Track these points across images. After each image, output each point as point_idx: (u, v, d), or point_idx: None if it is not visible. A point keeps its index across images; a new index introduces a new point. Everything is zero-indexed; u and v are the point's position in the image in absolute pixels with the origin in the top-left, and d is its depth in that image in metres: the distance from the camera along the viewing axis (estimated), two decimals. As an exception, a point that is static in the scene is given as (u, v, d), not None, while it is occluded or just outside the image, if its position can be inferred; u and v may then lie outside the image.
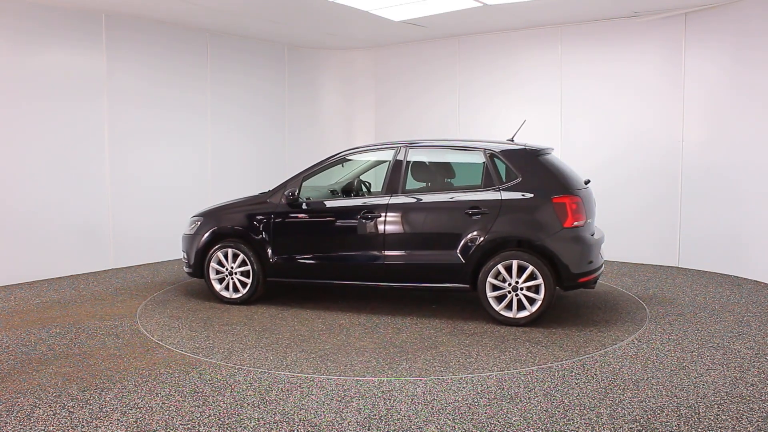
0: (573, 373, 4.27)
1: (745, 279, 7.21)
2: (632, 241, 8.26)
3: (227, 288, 6.32)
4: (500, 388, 4.01)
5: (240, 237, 6.24)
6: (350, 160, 6.44)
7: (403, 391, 3.97)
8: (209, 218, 6.45)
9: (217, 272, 6.33)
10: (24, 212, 7.17)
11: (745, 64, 7.21)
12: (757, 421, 3.49)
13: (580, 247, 5.37)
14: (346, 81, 10.85)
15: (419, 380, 4.17)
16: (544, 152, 5.73)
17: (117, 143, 8.00)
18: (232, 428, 3.46)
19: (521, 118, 7.87)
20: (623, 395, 3.88)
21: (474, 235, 5.46)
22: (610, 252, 7.81)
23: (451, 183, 6.11)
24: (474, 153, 5.82)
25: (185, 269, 6.60)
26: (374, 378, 4.20)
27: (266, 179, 8.54)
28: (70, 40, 7.52)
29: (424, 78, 9.97)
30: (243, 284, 6.23)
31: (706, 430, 3.39)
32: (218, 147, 9.28)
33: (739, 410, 3.64)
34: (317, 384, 4.10)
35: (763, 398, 3.82)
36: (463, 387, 4.04)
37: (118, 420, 3.56)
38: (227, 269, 6.28)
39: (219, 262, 6.30)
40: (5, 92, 6.98)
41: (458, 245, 5.50)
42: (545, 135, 8.57)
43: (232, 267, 6.25)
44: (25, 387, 4.06)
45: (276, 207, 6.15)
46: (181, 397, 3.88)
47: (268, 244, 6.11)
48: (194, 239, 6.43)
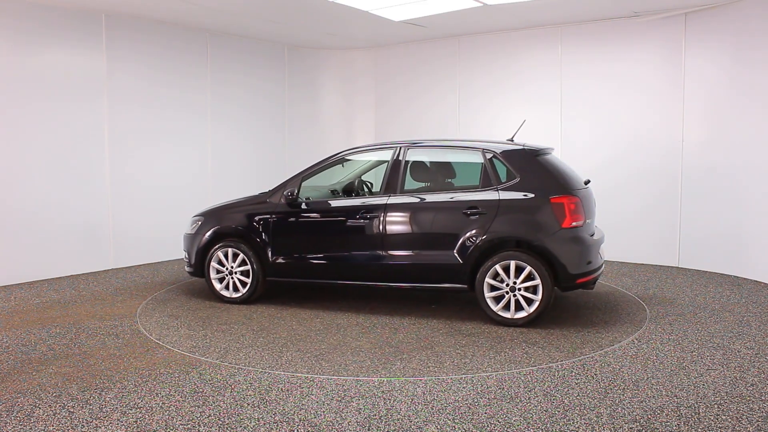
0: (573, 373, 4.27)
1: (745, 279, 7.21)
2: (632, 241, 8.26)
3: (227, 287, 6.33)
4: (500, 388, 4.01)
5: (240, 237, 6.25)
6: (349, 160, 6.44)
7: (403, 391, 3.97)
8: (210, 218, 6.46)
9: (218, 272, 6.34)
10: (24, 212, 7.17)
11: (745, 64, 7.21)
12: (757, 421, 3.49)
13: (579, 248, 5.35)
14: (346, 81, 10.85)
15: (419, 380, 4.17)
16: (543, 152, 5.71)
17: (117, 143, 8.00)
18: (232, 428, 3.46)
19: (521, 118, 7.87)
20: (623, 395, 3.88)
21: (472, 236, 5.45)
22: (610, 252, 7.81)
23: (450, 183, 6.11)
24: (472, 153, 5.81)
25: (186, 269, 6.62)
26: (373, 378, 4.20)
27: (266, 179, 8.54)
28: (70, 40, 7.52)
29: (424, 78, 9.97)
30: (243, 284, 6.24)
31: (706, 430, 3.39)
32: (218, 147, 9.28)
33: (739, 410, 3.64)
34: (317, 384, 4.10)
35: (763, 398, 3.82)
36: (463, 387, 4.04)
37: (118, 420, 3.56)
38: (227, 269, 6.29)
39: (219, 262, 6.31)
40: (5, 92, 6.98)
41: (456, 245, 5.50)
42: (545, 135, 8.57)
43: (232, 266, 6.26)
44: (25, 387, 4.06)
45: (275, 207, 6.16)
46: (181, 397, 3.88)
47: (268, 244, 6.12)
48: (195, 239, 6.45)
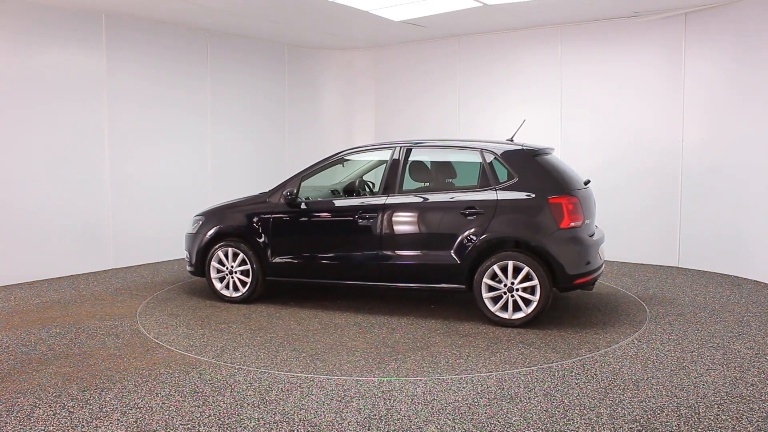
0: (573, 373, 4.27)
1: (745, 279, 7.21)
2: (632, 241, 8.26)
3: (227, 287, 6.34)
4: (500, 388, 4.01)
5: (240, 236, 6.26)
6: (348, 160, 6.45)
7: (403, 391, 3.97)
8: (210, 217, 6.48)
9: (218, 271, 6.35)
10: (24, 212, 7.17)
11: (745, 64, 7.21)
12: (757, 421, 3.49)
13: (577, 248, 5.33)
14: (346, 81, 10.85)
15: (419, 380, 4.17)
16: (542, 152, 5.70)
17: (117, 143, 8.00)
18: (232, 428, 3.46)
19: (521, 118, 7.87)
20: (623, 395, 3.88)
21: (470, 236, 5.44)
22: (610, 252, 7.81)
23: (448, 183, 6.11)
24: (471, 153, 5.80)
25: (188, 268, 6.64)
26: (373, 378, 4.20)
27: (266, 179, 8.54)
28: (70, 40, 7.52)
29: (424, 78, 9.97)
30: (243, 283, 6.25)
31: (706, 430, 3.39)
32: (218, 147, 9.28)
33: (739, 410, 3.64)
34: (317, 384, 4.10)
35: (763, 398, 3.82)
36: (463, 387, 4.04)
37: (118, 420, 3.56)
38: (227, 268, 6.30)
39: (219, 261, 6.32)
40: (5, 92, 6.98)
41: (454, 245, 5.48)
42: (545, 135, 8.57)
43: (232, 266, 6.27)
44: (25, 387, 4.06)
45: (275, 207, 6.16)
46: (181, 397, 3.88)
47: (267, 244, 6.12)
48: (196, 238, 6.47)
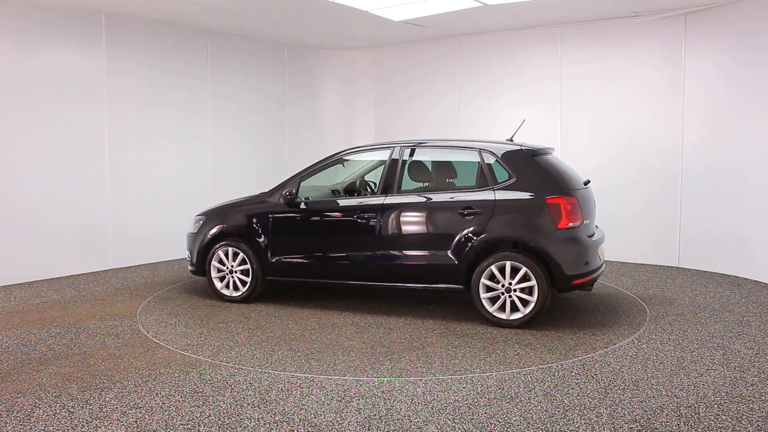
0: (573, 373, 4.27)
1: (745, 279, 7.21)
2: (632, 241, 8.25)
3: (228, 286, 6.35)
4: (500, 388, 4.01)
5: (240, 236, 6.27)
6: (348, 160, 6.45)
7: (403, 391, 3.97)
8: (211, 217, 6.49)
9: (218, 270, 6.37)
10: (24, 212, 7.17)
11: (745, 64, 7.21)
12: (757, 421, 3.49)
13: (576, 249, 5.31)
14: (346, 81, 10.85)
15: (419, 380, 4.17)
16: (541, 152, 5.68)
17: (117, 143, 8.00)
18: (232, 428, 3.46)
19: (521, 118, 7.86)
20: (623, 395, 3.88)
21: (467, 236, 5.43)
22: (610, 252, 7.80)
23: (447, 183, 6.11)
24: (469, 153, 5.79)
25: (189, 267, 6.66)
26: (373, 378, 4.20)
27: (266, 179, 8.54)
28: (70, 40, 7.52)
29: (424, 78, 9.97)
30: (243, 283, 6.26)
31: (706, 430, 3.39)
32: (218, 147, 9.28)
33: (739, 410, 3.64)
34: (317, 384, 4.10)
35: (763, 398, 3.82)
36: (463, 387, 4.04)
37: (118, 420, 3.56)
38: (228, 268, 6.31)
39: (220, 261, 6.34)
40: (5, 92, 6.98)
41: (452, 246, 5.48)
42: (545, 135, 8.56)
43: (233, 265, 6.28)
44: (25, 387, 4.06)
45: (274, 207, 6.17)
46: (181, 397, 3.88)
47: (267, 244, 6.13)
48: (197, 238, 6.49)
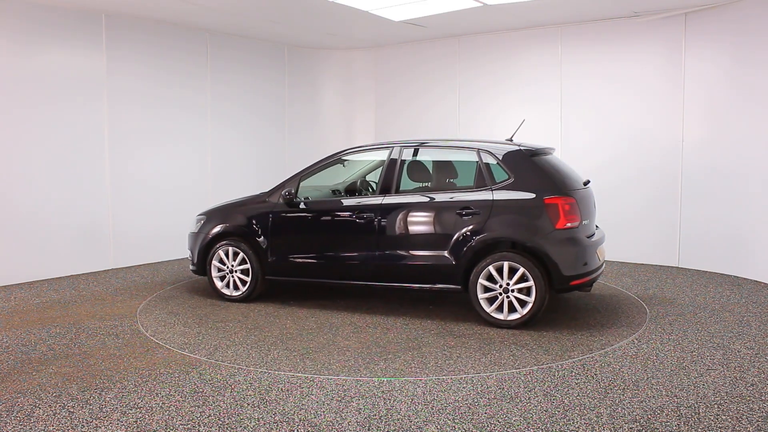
0: (573, 373, 4.27)
1: (745, 279, 7.21)
2: (632, 241, 8.25)
3: (228, 285, 6.36)
4: (500, 388, 4.01)
5: (240, 236, 6.28)
6: (347, 160, 6.45)
7: (403, 391, 3.97)
8: (212, 217, 6.51)
9: (219, 270, 6.38)
10: (24, 212, 7.17)
11: (745, 64, 7.21)
12: (757, 421, 3.49)
13: (574, 249, 5.28)
14: (346, 81, 10.85)
15: (419, 380, 4.17)
16: (540, 152, 5.67)
17: (117, 143, 8.00)
18: (232, 428, 3.46)
19: (521, 118, 7.87)
20: (623, 395, 3.88)
21: (465, 236, 5.41)
22: (610, 252, 7.79)
23: (445, 183, 6.10)
24: (468, 153, 5.78)
25: (190, 267, 6.68)
26: (373, 378, 4.20)
27: (266, 179, 8.54)
28: (70, 40, 7.52)
29: (424, 78, 9.97)
30: (243, 282, 6.27)
31: (706, 430, 3.39)
32: (218, 147, 9.28)
33: (739, 410, 3.64)
34: (317, 384, 4.10)
35: (763, 398, 3.82)
36: (463, 387, 4.04)
37: (118, 420, 3.56)
38: (228, 267, 6.32)
39: (220, 260, 6.36)
40: (5, 92, 6.98)
41: (449, 246, 5.47)
42: (545, 135, 8.56)
43: (233, 265, 6.29)
44: (25, 387, 4.06)
45: (274, 206, 6.18)
46: (181, 397, 3.88)
47: (266, 243, 6.14)
48: (198, 237, 6.51)
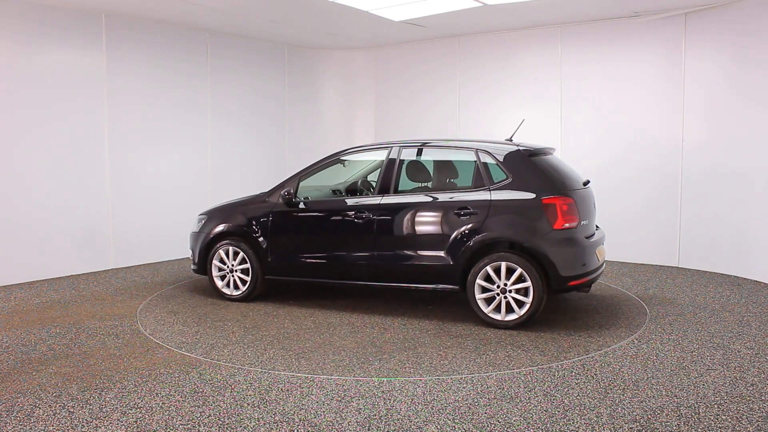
0: (573, 373, 4.27)
1: (745, 279, 7.21)
2: (632, 241, 8.25)
3: (228, 285, 6.37)
4: (500, 388, 4.01)
5: (240, 235, 6.29)
6: (346, 160, 6.45)
7: (403, 391, 3.97)
8: (212, 216, 6.53)
9: (219, 269, 6.40)
10: (24, 212, 7.17)
11: (745, 64, 7.21)
12: (757, 421, 3.49)
13: (572, 250, 5.26)
14: (346, 81, 10.85)
15: (419, 380, 4.17)
16: (539, 152, 5.66)
17: (117, 143, 8.00)
18: (232, 428, 3.46)
19: (521, 118, 7.86)
20: (623, 395, 3.88)
21: (463, 236, 5.40)
22: (610, 252, 7.79)
23: (444, 183, 6.10)
24: (466, 153, 5.77)
25: (192, 266, 6.70)
26: (373, 378, 4.20)
27: (266, 179, 8.54)
28: (70, 40, 7.52)
29: (424, 78, 9.96)
30: (243, 282, 6.28)
31: (706, 430, 3.39)
32: (218, 147, 9.28)
33: (739, 410, 3.64)
34: (317, 384, 4.11)
35: (763, 398, 3.82)
36: (463, 387, 4.04)
37: (118, 420, 3.56)
38: (228, 267, 6.33)
39: (221, 260, 6.38)
40: (5, 92, 6.98)
41: (447, 246, 5.46)
42: (545, 135, 8.56)
43: (233, 264, 6.30)
44: (25, 387, 4.06)
45: (273, 206, 6.19)
46: (181, 397, 3.88)
47: (266, 243, 6.14)
48: (199, 237, 6.53)
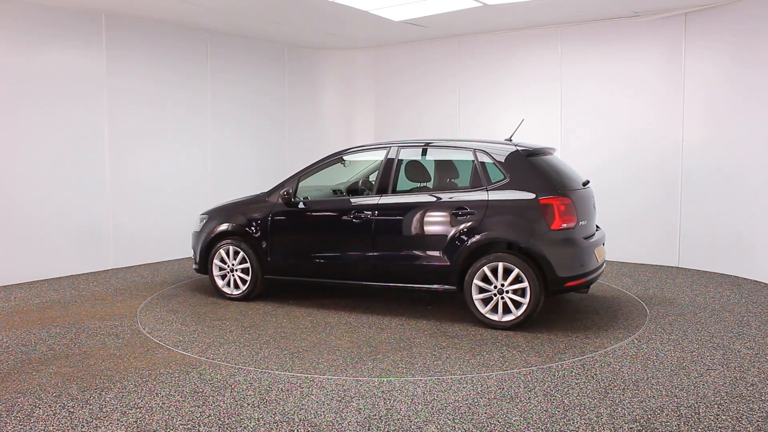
0: (573, 373, 4.27)
1: (745, 279, 7.21)
2: (632, 241, 8.25)
3: (229, 284, 6.39)
4: (500, 388, 4.01)
5: (240, 235, 6.30)
6: (345, 160, 6.45)
7: (403, 391, 3.97)
8: (213, 216, 6.55)
9: (220, 269, 6.41)
10: (24, 212, 7.17)
11: (745, 64, 7.21)
12: (757, 421, 3.49)
13: (570, 250, 5.24)
14: (346, 81, 10.85)
15: (419, 380, 4.17)
16: (538, 152, 5.65)
17: (117, 143, 8.00)
18: (232, 428, 3.46)
19: (521, 118, 7.86)
20: (623, 395, 3.88)
21: (460, 237, 5.40)
22: (610, 252, 7.79)
23: (442, 183, 6.10)
24: (464, 153, 5.77)
25: (193, 266, 6.72)
26: (373, 378, 4.21)
27: (266, 179, 8.53)
28: (70, 40, 7.52)
29: (424, 78, 9.96)
30: (243, 281, 6.30)
31: (706, 430, 3.39)
32: (218, 147, 9.28)
33: (739, 410, 3.64)
34: (317, 384, 4.11)
35: (763, 398, 3.82)
36: (463, 387, 4.04)
37: (118, 420, 3.56)
38: (229, 266, 6.34)
39: (221, 259, 6.39)
40: (5, 92, 6.98)
41: (445, 246, 5.46)
42: (545, 135, 8.56)
43: (233, 264, 6.32)
44: (25, 387, 4.06)
45: (273, 206, 6.20)
46: (181, 397, 3.88)
47: (265, 243, 6.15)
48: (200, 236, 6.56)
